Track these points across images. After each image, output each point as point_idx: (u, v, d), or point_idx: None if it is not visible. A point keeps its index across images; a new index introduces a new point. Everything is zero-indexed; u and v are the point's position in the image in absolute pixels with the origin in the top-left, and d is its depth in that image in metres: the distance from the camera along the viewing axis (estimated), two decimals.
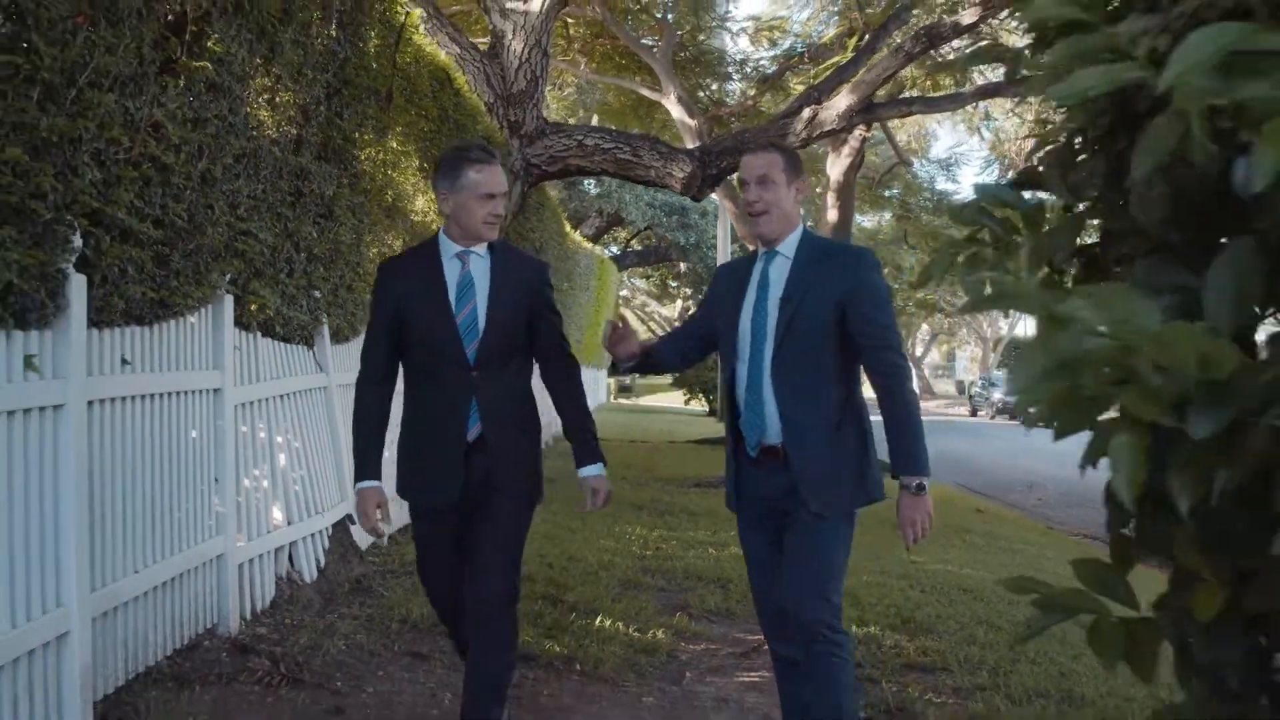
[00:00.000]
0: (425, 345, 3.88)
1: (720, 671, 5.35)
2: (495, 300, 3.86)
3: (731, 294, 3.86)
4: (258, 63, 5.09)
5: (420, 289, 3.87)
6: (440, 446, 3.86)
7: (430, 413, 3.89)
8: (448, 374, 3.84)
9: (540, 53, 13.10)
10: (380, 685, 4.71)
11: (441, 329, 3.83)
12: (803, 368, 3.63)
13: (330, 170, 6.16)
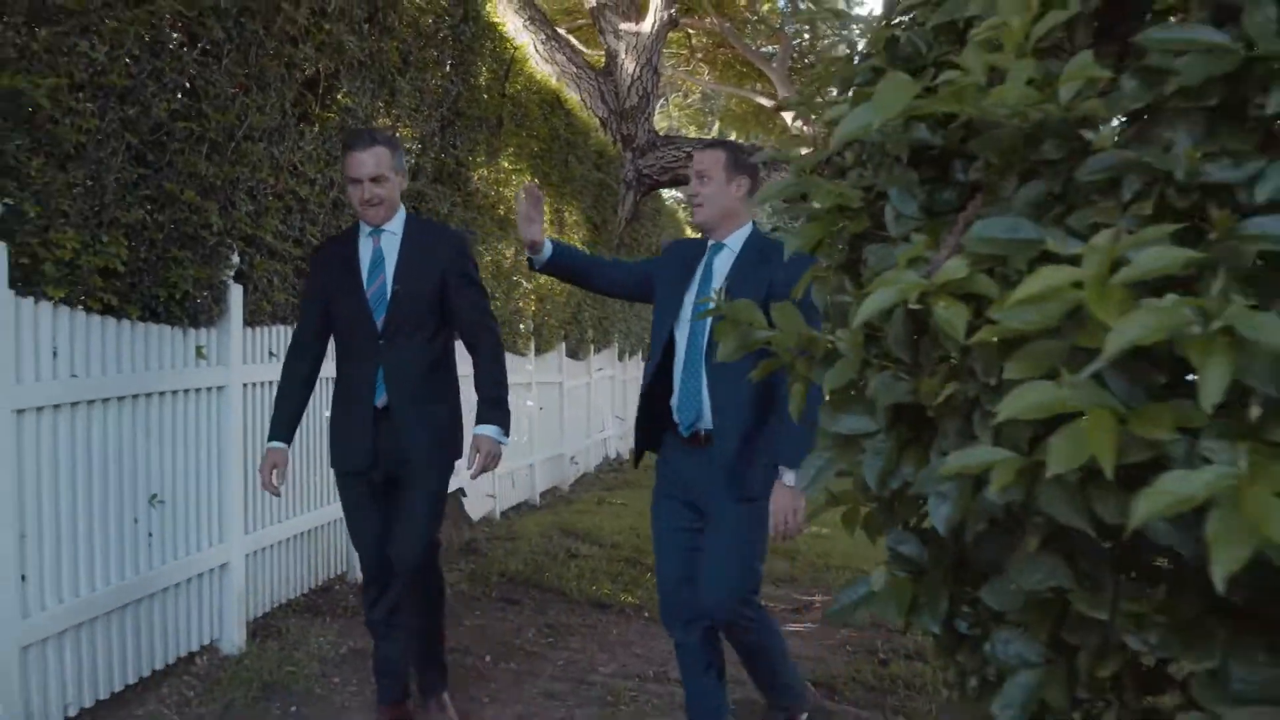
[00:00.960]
0: (343, 318, 4.05)
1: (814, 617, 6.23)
2: (402, 272, 3.99)
3: (677, 273, 3.92)
4: (379, 106, 6.13)
5: (338, 267, 4.05)
6: (354, 414, 4.01)
7: (347, 382, 4.06)
8: (361, 345, 4.00)
9: (651, 71, 14.05)
10: (475, 621, 5.71)
11: (354, 301, 4.00)
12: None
13: (444, 191, 7.19)
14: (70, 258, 3.66)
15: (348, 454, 4.04)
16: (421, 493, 4.00)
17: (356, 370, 4.01)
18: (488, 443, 3.96)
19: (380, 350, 3.97)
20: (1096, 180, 1.22)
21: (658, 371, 3.82)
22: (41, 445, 3.66)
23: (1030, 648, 1.46)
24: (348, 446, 4.04)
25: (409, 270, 4.00)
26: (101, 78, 3.75)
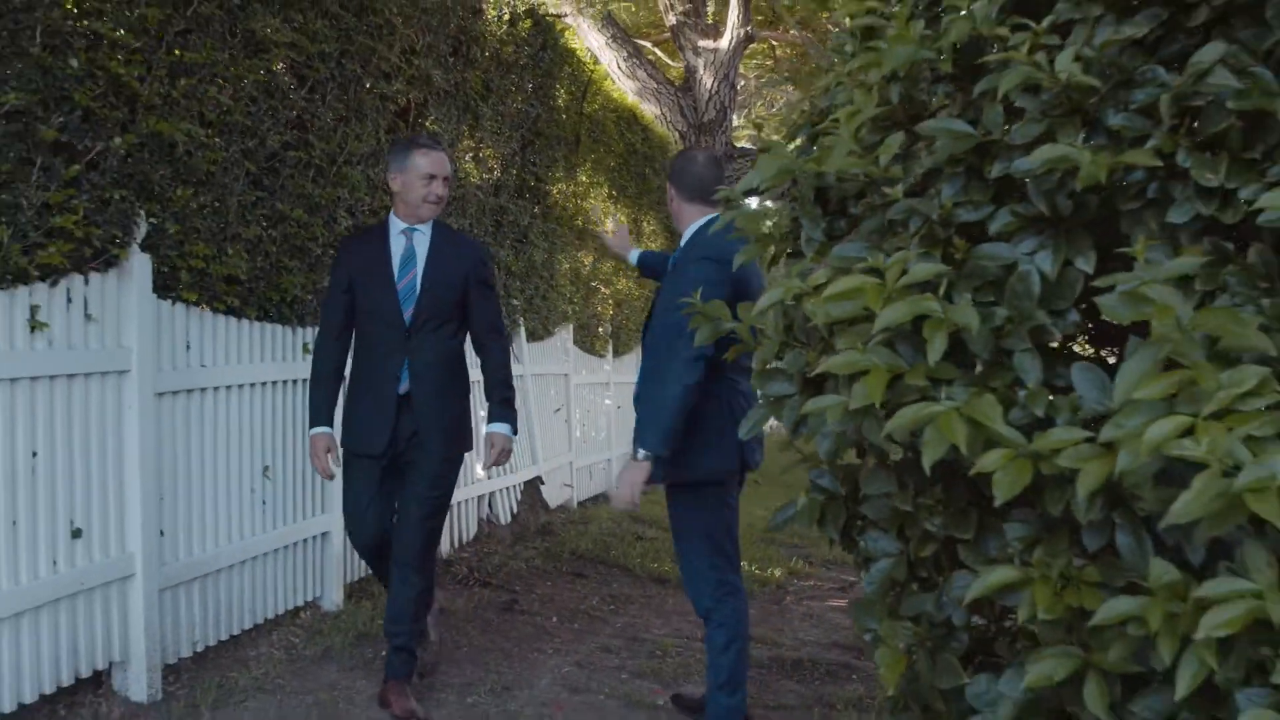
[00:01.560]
0: (370, 309, 4.30)
1: (816, 598, 6.83)
2: (432, 270, 4.28)
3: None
4: (464, 129, 6.84)
5: (369, 260, 4.31)
6: (377, 400, 4.28)
7: (370, 369, 4.31)
8: (387, 335, 4.26)
9: (728, 86, 14.68)
10: (545, 590, 6.39)
11: (384, 294, 4.26)
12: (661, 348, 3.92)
13: (524, 205, 7.90)
14: (201, 267, 4.40)
15: (366, 437, 4.30)
16: (429, 481, 4.31)
17: (381, 359, 4.27)
18: (502, 439, 4.43)
19: (406, 342, 4.26)
20: (898, 219, 1.84)
21: None
22: (176, 423, 4.41)
23: (887, 542, 2.08)
24: (367, 430, 4.30)
25: (438, 269, 4.30)
26: (227, 117, 4.48)
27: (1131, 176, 1.63)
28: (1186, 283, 1.54)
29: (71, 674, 3.93)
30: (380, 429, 4.27)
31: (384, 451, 4.29)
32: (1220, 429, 1.35)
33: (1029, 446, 1.57)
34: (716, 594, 4.00)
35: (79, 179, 3.73)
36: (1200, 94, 1.56)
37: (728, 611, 4.00)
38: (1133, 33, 1.63)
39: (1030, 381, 1.67)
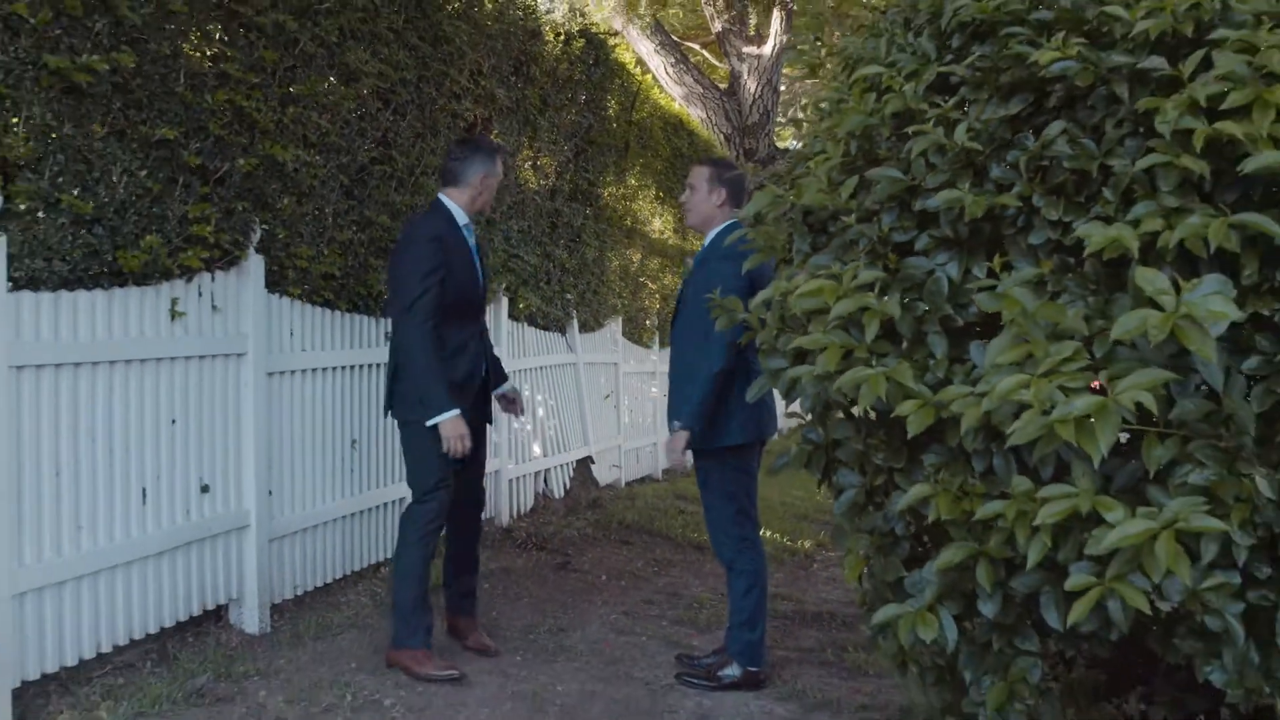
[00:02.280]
0: (461, 294, 4.78)
1: (839, 566, 7.51)
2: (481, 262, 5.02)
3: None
4: (524, 140, 7.59)
5: (457, 250, 4.80)
6: (475, 371, 4.90)
7: (466, 345, 4.83)
8: (471, 312, 4.91)
9: (771, 90, 15.35)
10: (595, 554, 7.14)
11: (470, 277, 4.84)
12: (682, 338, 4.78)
13: (578, 208, 8.64)
14: (304, 266, 5.16)
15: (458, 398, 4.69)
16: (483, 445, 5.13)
17: (470, 336, 4.87)
18: (516, 394, 5.33)
19: (480, 326, 5.05)
20: (853, 239, 2.56)
21: None
22: (283, 400, 5.18)
23: (851, 476, 2.79)
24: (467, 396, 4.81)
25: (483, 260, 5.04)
26: (325, 138, 5.25)
27: (1006, 213, 2.34)
28: (1041, 285, 2.25)
29: (200, 607, 4.72)
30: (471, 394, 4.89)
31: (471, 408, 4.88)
32: (1045, 382, 2.06)
33: (933, 397, 2.28)
34: (738, 547, 4.71)
35: (210, 194, 4.50)
36: (1047, 156, 2.26)
37: (747, 561, 4.69)
38: (1006, 112, 2.34)
39: (938, 354, 2.38)
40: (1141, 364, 2.05)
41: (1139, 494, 2.17)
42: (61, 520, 3.95)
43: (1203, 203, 2.11)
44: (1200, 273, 2.05)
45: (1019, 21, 2.40)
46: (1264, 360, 2.07)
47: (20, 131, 3.57)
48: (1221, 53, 2.04)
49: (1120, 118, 2.24)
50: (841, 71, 2.99)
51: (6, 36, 3.50)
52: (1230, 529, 2.03)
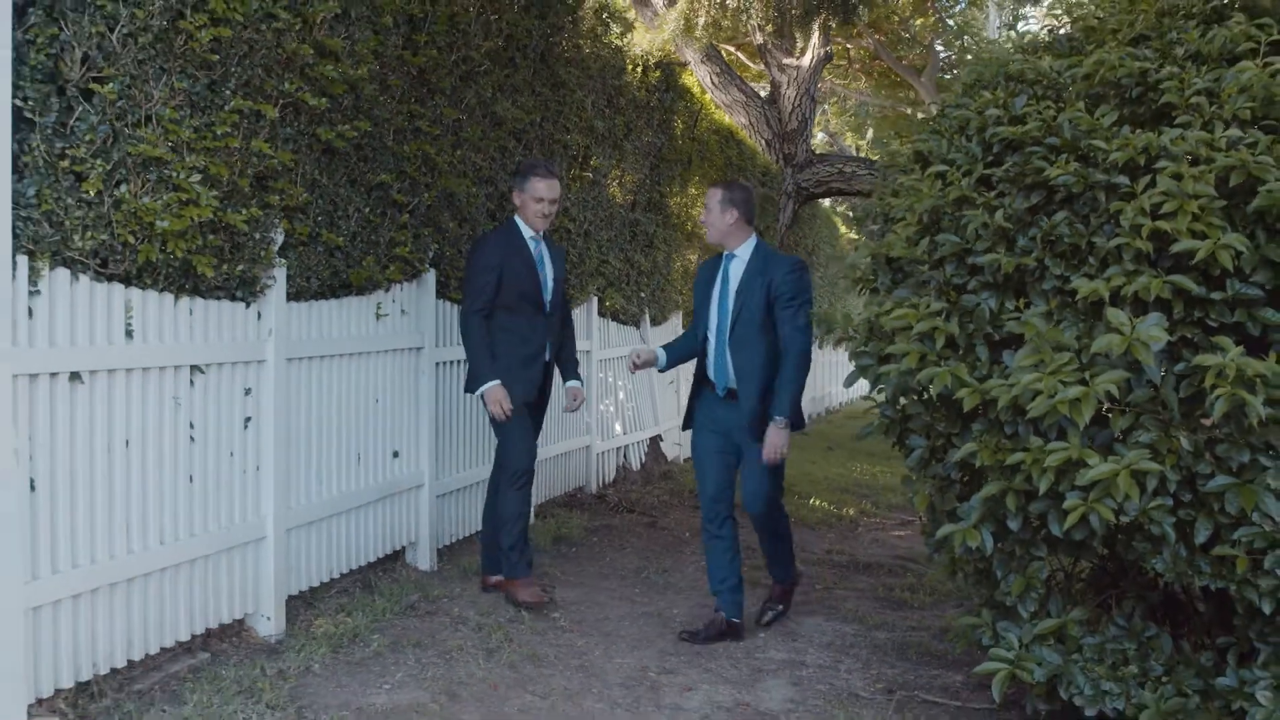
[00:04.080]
0: (519, 291, 5.63)
1: (882, 529, 8.82)
2: (553, 273, 5.82)
3: (708, 281, 5.61)
4: (613, 162, 8.87)
5: (516, 255, 5.65)
6: (531, 362, 5.71)
7: (521, 338, 5.67)
8: (532, 315, 5.70)
9: (809, 99, 16.54)
10: (676, 515, 8.45)
11: (530, 284, 5.66)
12: (748, 339, 5.34)
13: (652, 217, 9.93)
14: (461, 277, 6.45)
15: (525, 390, 5.70)
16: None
17: (530, 331, 5.69)
18: (580, 391, 6.11)
19: (547, 321, 5.78)
20: (925, 280, 3.84)
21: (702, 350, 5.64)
22: (449, 384, 6.48)
23: (919, 440, 4.07)
24: (527, 386, 5.71)
25: (554, 271, 5.82)
26: (481, 173, 6.54)
27: (1028, 269, 3.62)
28: (1049, 316, 3.52)
29: (391, 548, 6.03)
30: (534, 384, 5.78)
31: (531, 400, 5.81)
32: (1051, 378, 3.33)
33: (979, 386, 3.56)
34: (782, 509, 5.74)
35: (407, 223, 5.80)
36: (1054, 234, 3.55)
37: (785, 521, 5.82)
38: (1027, 204, 3.63)
39: (983, 358, 3.66)
40: (1110, 367, 3.32)
41: (1109, 448, 3.44)
42: (312, 473, 5.26)
43: (1150, 268, 3.38)
44: (1147, 311, 3.32)
45: (1037, 143, 3.68)
46: (1186, 365, 3.34)
47: (298, 185, 4.86)
48: (1162, 177, 3.31)
49: (1100, 212, 3.52)
50: (913, 162, 4.26)
51: (292, 115, 4.78)
52: (1165, 470, 3.30)
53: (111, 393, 3.99)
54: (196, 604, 4.48)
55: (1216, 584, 3.39)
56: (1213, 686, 3.57)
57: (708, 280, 5.62)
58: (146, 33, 3.89)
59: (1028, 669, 3.72)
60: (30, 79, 3.59)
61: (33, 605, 3.64)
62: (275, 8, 4.48)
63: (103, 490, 3.97)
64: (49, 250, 3.67)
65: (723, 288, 5.49)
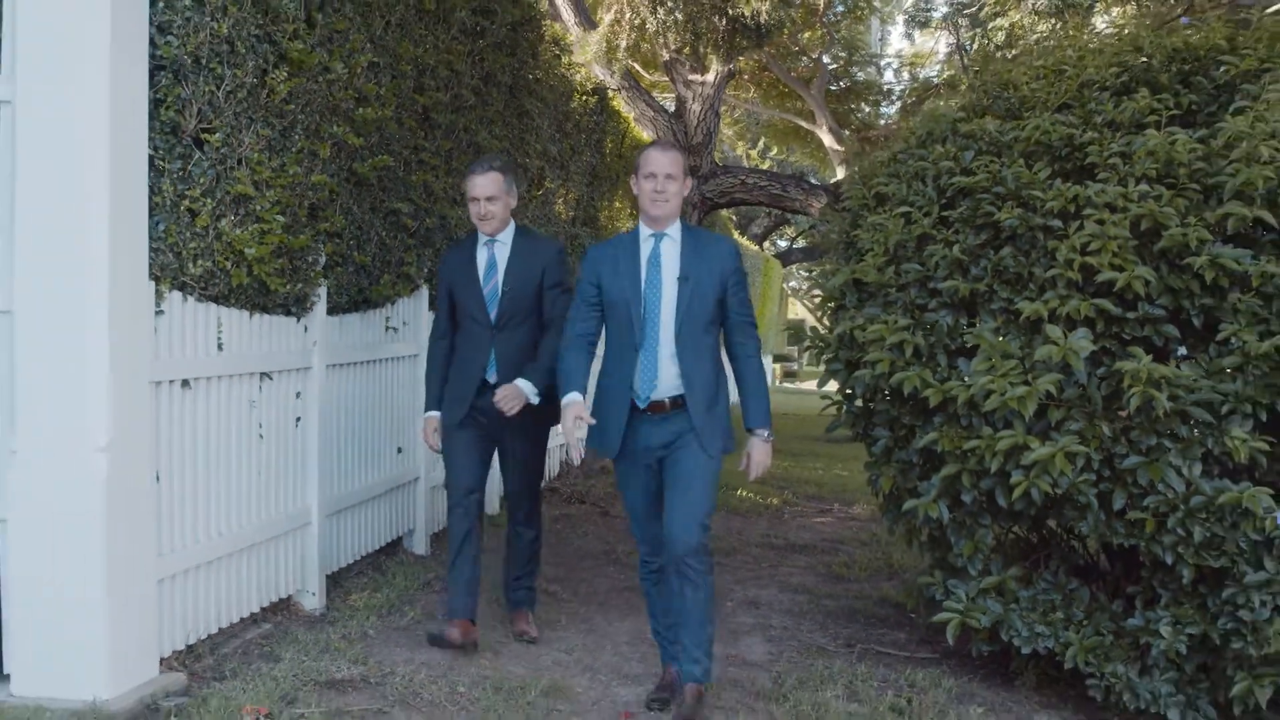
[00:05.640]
0: (463, 309, 5.16)
1: (805, 516, 9.74)
2: (510, 276, 5.10)
3: (624, 267, 4.47)
4: (559, 183, 9.65)
5: (461, 269, 5.17)
6: (468, 382, 5.12)
7: (465, 359, 5.15)
8: (477, 332, 5.12)
9: (713, 113, 17.42)
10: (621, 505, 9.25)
11: (472, 296, 5.12)
12: (695, 338, 4.40)
13: (588, 230, 10.73)
14: None
15: (455, 412, 5.15)
16: (527, 447, 5.29)
17: (473, 351, 5.13)
18: (513, 391, 4.97)
19: (493, 337, 5.11)
20: (892, 300, 4.72)
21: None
22: None
23: (884, 431, 4.95)
24: (457, 407, 5.15)
25: (514, 275, 5.11)
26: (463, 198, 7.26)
27: (980, 293, 4.51)
28: (997, 331, 4.42)
29: (395, 534, 6.75)
30: (464, 405, 5.14)
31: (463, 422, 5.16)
32: (1001, 379, 4.22)
33: (941, 386, 4.44)
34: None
35: (412, 244, 6.52)
36: (1002, 265, 4.45)
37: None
38: (978, 240, 4.54)
39: (943, 364, 4.55)
40: (1048, 371, 4.23)
41: (1047, 435, 4.34)
42: (343, 467, 5.96)
43: (1078, 293, 4.29)
44: (1076, 327, 4.23)
45: (985, 191, 4.59)
46: (1107, 369, 4.26)
47: (338, 214, 5.56)
48: (1088, 222, 4.23)
49: (1038, 249, 4.45)
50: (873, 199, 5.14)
51: (334, 153, 5.47)
52: (1090, 451, 4.21)
53: (209, 397, 4.68)
54: (262, 581, 5.17)
55: (1130, 542, 4.32)
56: (1123, 627, 4.49)
57: (622, 266, 4.51)
58: (242, 89, 4.58)
59: (975, 617, 4.62)
60: (159, 132, 4.27)
61: (159, 578, 4.32)
62: (330, 60, 5.20)
63: (202, 481, 4.66)
64: (169, 276, 4.35)
65: (652, 275, 4.45)
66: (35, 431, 3.99)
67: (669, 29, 14.49)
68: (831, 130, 23.96)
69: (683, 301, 4.42)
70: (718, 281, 4.47)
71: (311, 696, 4.27)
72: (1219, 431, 4.13)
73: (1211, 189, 4.30)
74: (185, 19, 4.28)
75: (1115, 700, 4.44)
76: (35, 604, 3.99)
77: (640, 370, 4.42)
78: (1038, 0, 13.14)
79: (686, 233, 4.56)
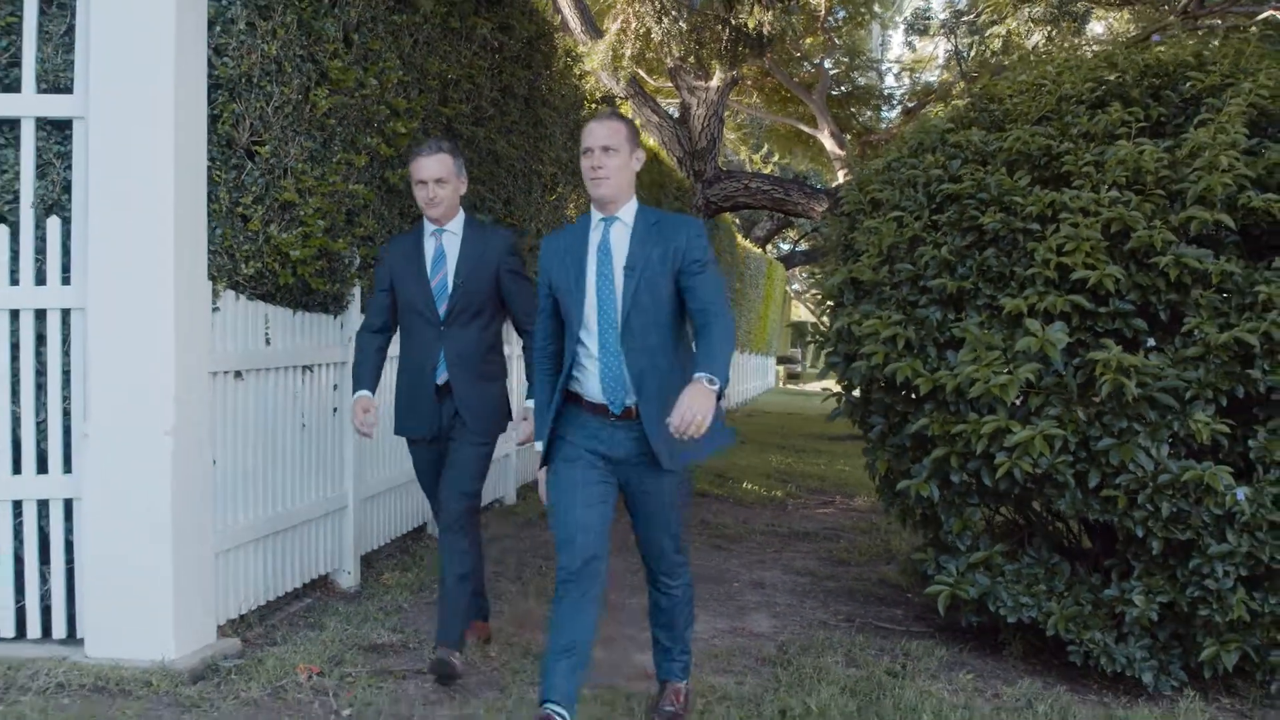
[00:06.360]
0: (407, 305, 4.67)
1: (808, 507, 10.15)
2: (461, 268, 4.61)
3: (571, 259, 3.91)
4: (570, 188, 10.06)
5: (405, 261, 4.68)
6: (418, 389, 4.68)
7: (411, 361, 4.71)
8: (424, 329, 4.64)
9: (717, 119, 17.89)
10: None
11: (418, 291, 4.63)
12: (647, 333, 3.80)
13: None
14: None
15: (412, 425, 4.75)
16: (470, 452, 4.64)
17: (420, 351, 4.69)
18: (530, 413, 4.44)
19: (442, 335, 4.64)
20: (886, 296, 5.13)
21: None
22: None
23: (880, 419, 5.36)
24: (412, 418, 4.74)
25: (466, 267, 4.64)
26: (485, 202, 7.67)
27: (966, 290, 4.92)
28: (982, 325, 4.83)
29: (418, 522, 7.17)
30: (424, 417, 4.73)
31: (431, 438, 4.77)
32: (985, 368, 4.63)
33: (931, 376, 4.85)
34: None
35: None
36: (986, 264, 4.86)
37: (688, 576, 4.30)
38: (964, 242, 4.95)
39: (933, 356, 4.95)
40: (1028, 361, 4.63)
41: (1028, 419, 4.74)
42: (373, 456, 6.37)
43: (1055, 290, 4.69)
44: (1054, 321, 4.64)
45: (971, 197, 5.00)
46: (1081, 359, 4.66)
47: (371, 219, 5.97)
48: (1063, 225, 4.65)
49: (1019, 249, 4.86)
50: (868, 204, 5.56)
51: (367, 162, 5.89)
52: (1067, 434, 4.61)
53: (258, 388, 5.10)
54: (304, 559, 5.59)
55: (1105, 517, 4.72)
56: (1100, 598, 4.88)
57: (570, 258, 3.95)
58: (289, 105, 4.99)
59: (964, 589, 5.02)
60: (216, 145, 4.68)
61: (217, 551, 4.73)
62: (366, 77, 5.61)
63: (252, 465, 5.07)
64: (224, 277, 4.76)
65: (602, 265, 3.88)
66: (106, 417, 4.39)
67: (673, 38, 14.98)
68: (833, 135, 24.36)
69: (627, 293, 3.81)
70: (670, 268, 3.82)
71: (357, 658, 4.69)
72: (1184, 415, 4.54)
73: (1176, 194, 4.73)
74: (240, 42, 4.70)
75: (1094, 665, 4.84)
76: (107, 574, 4.38)
77: (603, 375, 3.84)
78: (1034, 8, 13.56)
79: (642, 216, 3.93)
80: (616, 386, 3.83)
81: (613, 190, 3.85)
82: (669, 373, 3.80)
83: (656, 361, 3.82)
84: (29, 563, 4.48)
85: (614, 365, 3.83)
